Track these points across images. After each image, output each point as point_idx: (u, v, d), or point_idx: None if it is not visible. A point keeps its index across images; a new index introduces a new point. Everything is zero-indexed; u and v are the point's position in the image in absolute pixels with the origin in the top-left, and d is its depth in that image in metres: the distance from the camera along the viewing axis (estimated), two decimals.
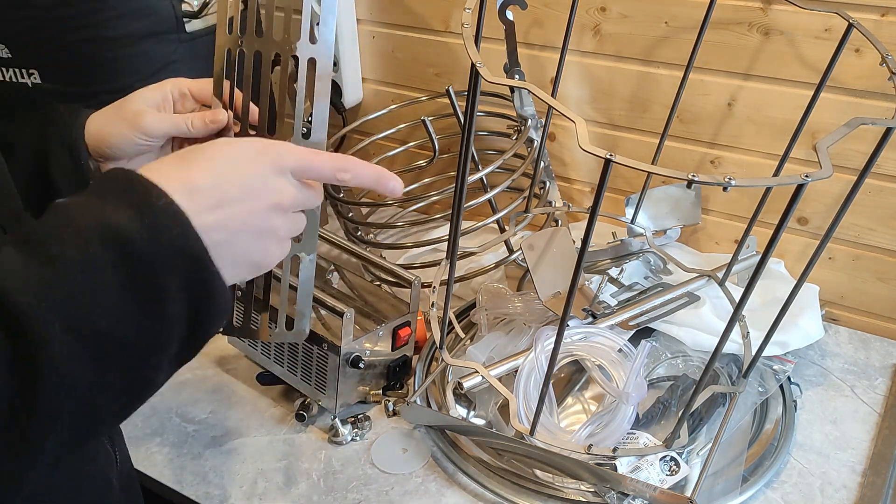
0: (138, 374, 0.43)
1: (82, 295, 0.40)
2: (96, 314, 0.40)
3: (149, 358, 0.43)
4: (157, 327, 0.42)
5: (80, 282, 0.40)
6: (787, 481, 0.85)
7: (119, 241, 0.41)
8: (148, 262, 0.41)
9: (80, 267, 0.40)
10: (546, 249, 0.94)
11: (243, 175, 0.47)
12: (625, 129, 1.16)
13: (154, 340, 0.43)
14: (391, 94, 1.33)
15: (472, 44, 0.68)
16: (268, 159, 0.48)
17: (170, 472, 0.86)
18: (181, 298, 0.43)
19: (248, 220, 0.47)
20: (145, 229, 0.41)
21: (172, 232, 0.43)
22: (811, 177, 0.57)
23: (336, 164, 0.51)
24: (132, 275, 0.41)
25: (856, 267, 1.08)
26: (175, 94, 0.66)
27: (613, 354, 0.91)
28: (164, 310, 0.42)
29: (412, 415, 0.92)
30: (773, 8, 0.99)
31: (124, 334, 0.41)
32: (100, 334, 0.40)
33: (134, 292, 0.41)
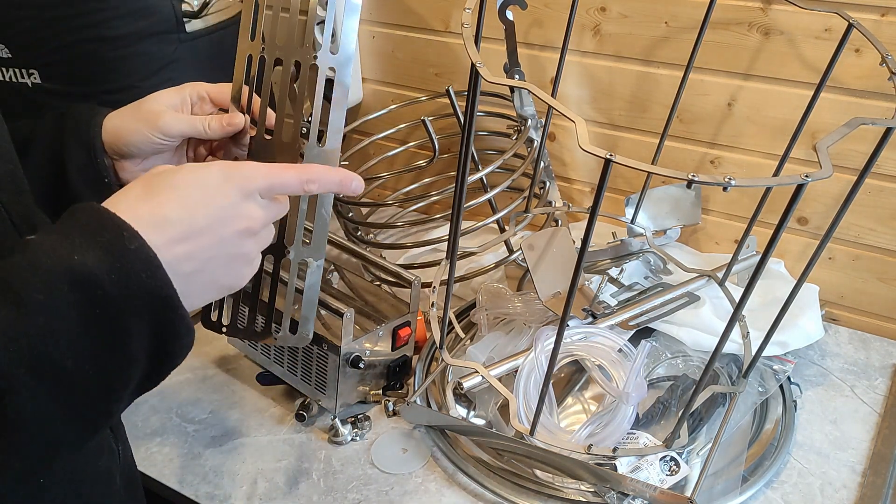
0: (99, 407, 0.44)
1: (48, 337, 0.40)
2: (60, 355, 0.41)
3: (111, 393, 0.44)
4: (121, 365, 0.44)
5: (45, 324, 0.40)
6: (787, 481, 0.85)
7: (87, 285, 0.41)
8: (115, 305, 0.42)
9: (47, 310, 0.41)
10: (546, 249, 0.94)
11: (211, 204, 0.48)
12: (625, 129, 1.16)
13: (117, 377, 0.44)
14: (391, 94, 1.33)
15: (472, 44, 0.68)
16: (235, 184, 0.49)
17: (170, 472, 0.87)
18: (145, 337, 0.44)
19: (218, 249, 0.48)
20: (115, 273, 0.42)
21: (142, 276, 0.43)
22: (811, 177, 0.57)
23: (302, 175, 0.52)
24: (98, 317, 0.42)
25: (856, 267, 1.08)
26: (194, 97, 0.67)
27: (613, 354, 0.91)
28: (128, 349, 0.43)
29: (412, 415, 0.92)
30: (773, 8, 0.99)
31: (87, 373, 0.42)
32: (64, 374, 0.41)
33: (99, 333, 0.42)
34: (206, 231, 0.47)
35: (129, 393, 0.46)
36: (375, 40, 1.29)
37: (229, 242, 0.48)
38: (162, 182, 0.47)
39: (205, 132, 0.66)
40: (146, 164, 0.68)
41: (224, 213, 0.48)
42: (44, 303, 0.41)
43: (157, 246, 0.45)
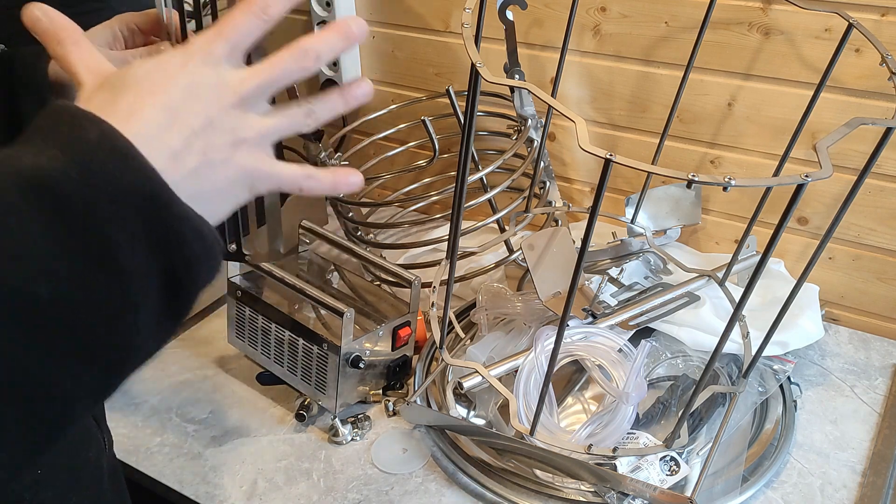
0: (105, 342, 0.36)
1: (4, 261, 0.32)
2: (27, 281, 0.33)
3: (114, 322, 0.36)
4: (115, 284, 0.35)
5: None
6: (787, 481, 0.85)
7: (42, 189, 0.33)
8: (83, 210, 0.34)
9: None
10: (546, 249, 0.94)
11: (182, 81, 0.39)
12: (625, 129, 1.16)
13: (116, 300, 0.35)
14: (391, 94, 1.33)
15: (472, 44, 0.68)
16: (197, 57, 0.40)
17: (170, 472, 0.86)
18: (141, 248, 0.35)
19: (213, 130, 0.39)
20: (74, 170, 0.34)
21: (110, 168, 0.35)
22: (811, 177, 0.57)
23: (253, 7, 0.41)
24: (67, 227, 0.34)
25: (856, 267, 1.08)
26: (124, 31, 0.66)
27: (613, 354, 0.91)
28: (118, 264, 0.35)
29: (412, 415, 0.92)
30: (773, 8, 0.99)
31: (75, 299, 0.34)
32: (37, 303, 0.33)
33: (74, 247, 0.34)
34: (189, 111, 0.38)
35: (150, 320, 0.37)
36: (375, 40, 1.29)
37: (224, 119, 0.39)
38: (120, 81, 0.39)
39: None
40: None
41: (201, 89, 0.39)
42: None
43: (136, 135, 0.36)
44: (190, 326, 1.09)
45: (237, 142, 0.40)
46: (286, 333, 0.92)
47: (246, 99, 0.40)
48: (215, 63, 0.40)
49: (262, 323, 0.94)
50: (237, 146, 0.40)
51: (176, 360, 1.03)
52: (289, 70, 0.41)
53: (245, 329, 0.98)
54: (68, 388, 0.35)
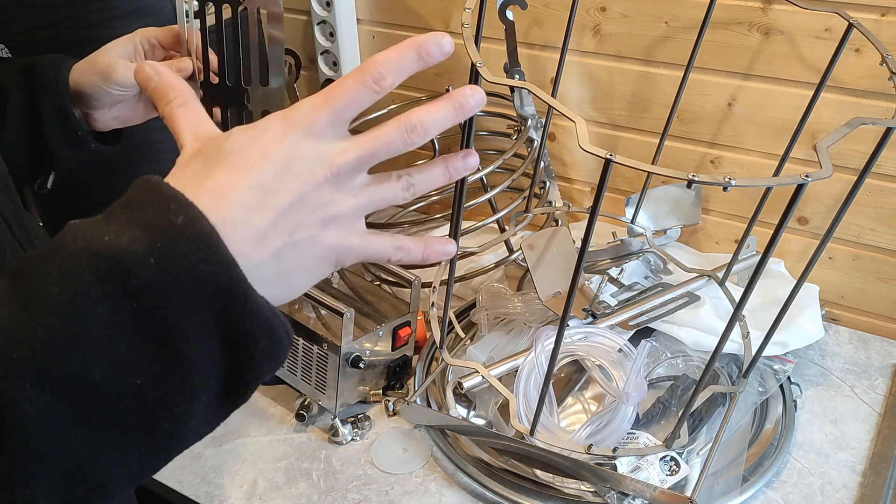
0: (158, 424, 0.35)
1: (61, 342, 0.32)
2: (82, 365, 0.32)
3: (168, 409, 0.35)
4: (175, 373, 0.34)
5: (56, 326, 0.32)
6: (787, 481, 0.85)
7: (118, 272, 0.33)
8: (157, 294, 0.33)
9: (60, 307, 0.32)
10: (546, 249, 0.94)
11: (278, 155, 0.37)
12: (625, 129, 1.16)
13: (173, 387, 0.35)
14: (391, 93, 1.33)
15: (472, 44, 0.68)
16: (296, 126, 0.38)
17: (170, 472, 0.86)
18: (209, 338, 0.35)
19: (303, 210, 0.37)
20: (154, 255, 0.33)
21: (191, 258, 0.34)
22: (811, 177, 0.57)
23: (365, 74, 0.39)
24: (136, 311, 0.33)
25: (856, 267, 1.08)
26: (145, 44, 0.68)
27: (613, 354, 0.91)
28: (182, 353, 0.34)
29: (412, 415, 0.91)
30: (773, 8, 0.99)
31: (126, 382, 0.33)
32: (90, 386, 0.33)
33: (139, 333, 0.33)
34: (280, 189, 0.36)
35: (203, 409, 0.37)
36: (375, 40, 1.29)
37: (316, 196, 0.37)
38: (216, 152, 0.38)
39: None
40: (113, 113, 0.70)
41: (297, 164, 0.37)
42: (57, 297, 0.32)
43: (223, 219, 0.35)
44: None
45: (327, 220, 0.38)
46: None
47: (342, 173, 0.38)
48: (316, 136, 0.38)
49: None
50: (326, 224, 0.38)
51: None
52: (393, 144, 0.39)
53: None
54: (109, 469, 0.35)
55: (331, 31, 1.26)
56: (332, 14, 1.24)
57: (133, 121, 0.73)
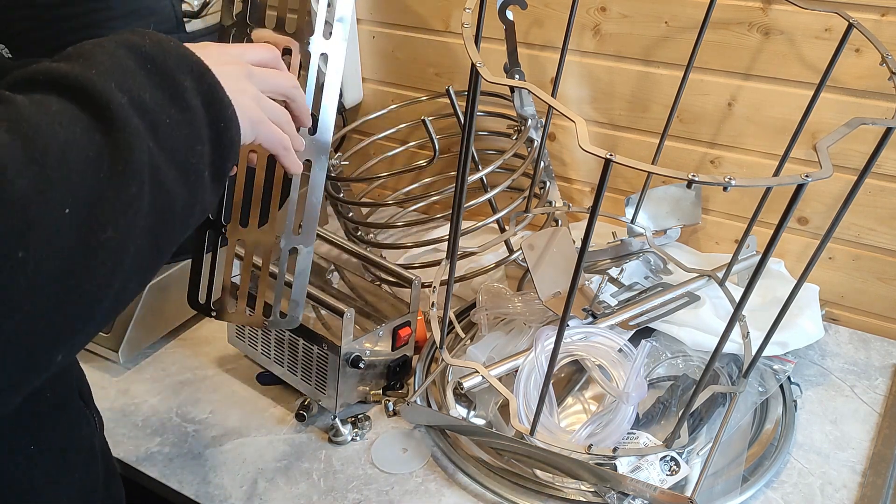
0: (189, 161, 0.46)
1: (119, 73, 0.43)
2: (136, 87, 0.43)
3: (192, 147, 0.46)
4: (187, 118, 0.46)
5: (113, 66, 0.43)
6: (787, 481, 0.85)
7: (132, 45, 0.46)
8: (160, 60, 0.46)
9: (108, 57, 0.44)
10: (546, 249, 0.94)
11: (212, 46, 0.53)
12: (625, 129, 1.16)
13: (188, 130, 0.46)
14: (391, 94, 1.33)
15: (472, 44, 0.68)
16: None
17: (170, 472, 0.87)
18: (198, 96, 0.47)
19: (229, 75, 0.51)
20: (149, 42, 0.46)
21: (171, 44, 0.47)
22: (811, 177, 0.57)
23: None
24: (150, 69, 0.45)
25: (856, 267, 1.08)
26: None
27: (613, 354, 0.91)
28: (187, 101, 0.46)
29: (412, 415, 0.92)
30: (773, 8, 0.99)
31: (164, 115, 0.44)
32: (145, 105, 0.43)
33: (157, 81, 0.45)
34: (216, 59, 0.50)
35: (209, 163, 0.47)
36: (375, 40, 1.29)
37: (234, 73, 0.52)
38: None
39: None
40: None
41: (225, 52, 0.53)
42: (104, 52, 0.44)
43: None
44: (190, 326, 1.09)
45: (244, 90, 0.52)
46: (286, 333, 0.92)
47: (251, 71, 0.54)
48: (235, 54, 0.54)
49: None
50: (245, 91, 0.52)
51: (176, 360, 1.03)
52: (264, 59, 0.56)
53: (245, 329, 0.98)
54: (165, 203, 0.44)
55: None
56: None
57: None
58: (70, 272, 0.38)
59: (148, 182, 0.42)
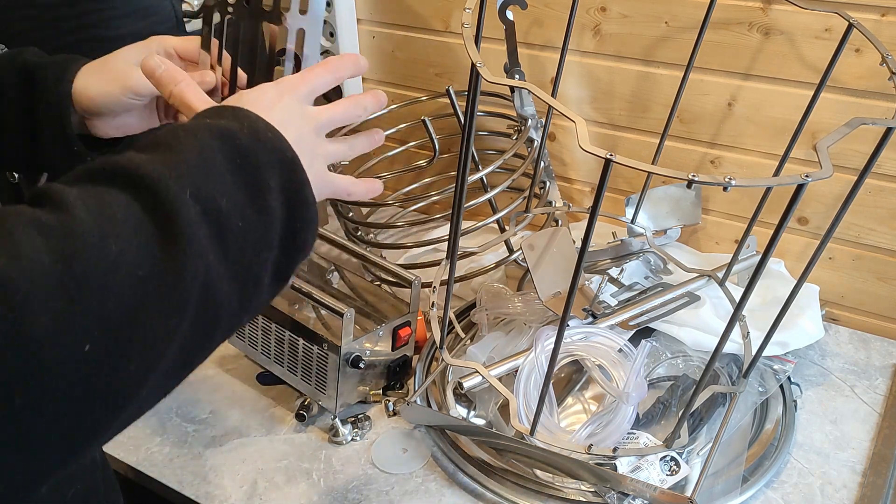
0: (251, 269, 0.44)
1: (203, 171, 0.42)
2: (217, 192, 0.42)
3: (259, 253, 0.44)
4: (263, 221, 0.44)
5: (197, 163, 0.42)
6: (787, 481, 0.85)
7: (226, 135, 0.45)
8: (251, 155, 0.45)
9: (196, 151, 0.43)
10: (546, 249, 0.94)
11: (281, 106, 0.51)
12: (625, 129, 1.16)
13: (261, 235, 0.44)
14: (391, 94, 1.33)
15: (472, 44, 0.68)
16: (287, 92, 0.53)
17: (170, 472, 0.86)
18: (281, 197, 0.45)
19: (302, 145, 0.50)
20: (245, 129, 0.46)
21: (268, 134, 0.46)
22: (811, 177, 0.57)
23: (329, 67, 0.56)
24: (239, 164, 0.44)
25: (856, 267, 1.08)
26: (161, 52, 0.66)
27: (613, 354, 0.91)
28: (268, 203, 0.45)
29: (412, 415, 0.91)
30: (773, 8, 0.99)
31: (238, 220, 0.43)
32: (220, 213, 0.42)
33: (242, 180, 0.44)
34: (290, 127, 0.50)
35: (272, 266, 0.46)
36: (375, 40, 1.29)
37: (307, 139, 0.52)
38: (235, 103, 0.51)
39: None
40: (117, 122, 0.68)
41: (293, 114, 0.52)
42: (193, 143, 0.43)
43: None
44: None
45: (314, 157, 0.52)
46: (286, 333, 0.92)
47: (320, 129, 0.53)
48: (301, 101, 0.53)
49: (262, 323, 0.94)
50: (313, 160, 0.52)
51: None
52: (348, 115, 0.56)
53: (245, 329, 0.98)
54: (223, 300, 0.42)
55: (331, 31, 1.26)
56: (332, 14, 1.24)
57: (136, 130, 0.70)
58: (74, 413, 0.35)
59: (195, 303, 0.40)
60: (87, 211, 0.37)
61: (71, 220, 0.36)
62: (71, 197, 0.38)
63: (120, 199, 0.39)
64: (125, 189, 0.39)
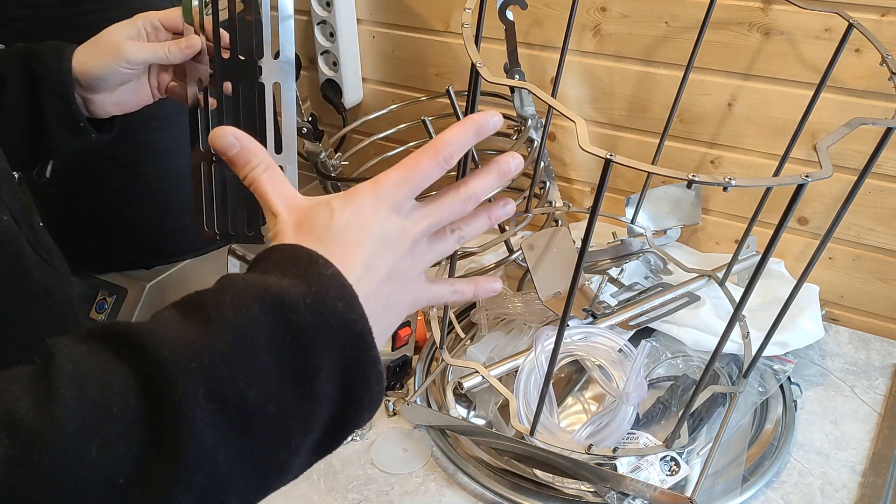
0: (276, 455, 0.38)
1: (233, 360, 0.36)
2: (244, 384, 0.36)
3: (290, 439, 0.38)
4: (304, 406, 0.38)
5: (232, 345, 0.36)
6: (787, 481, 0.85)
7: (280, 306, 0.37)
8: (308, 333, 0.37)
9: (236, 329, 0.36)
10: (546, 249, 0.94)
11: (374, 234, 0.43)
12: (625, 129, 1.16)
13: (299, 421, 0.38)
14: (391, 94, 1.33)
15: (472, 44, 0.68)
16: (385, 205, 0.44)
17: None
18: (334, 379, 0.38)
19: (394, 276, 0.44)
20: (310, 297, 0.38)
21: (338, 304, 0.39)
22: (811, 177, 0.57)
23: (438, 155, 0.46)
24: (289, 344, 0.37)
25: (856, 267, 1.08)
26: (147, 27, 0.70)
27: (613, 354, 0.91)
28: (314, 388, 0.38)
29: (412, 415, 0.91)
30: (773, 8, 0.99)
31: (270, 409, 0.37)
32: (245, 406, 0.36)
33: (288, 363, 0.37)
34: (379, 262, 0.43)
35: (308, 448, 0.40)
36: (375, 40, 1.29)
37: (401, 265, 0.44)
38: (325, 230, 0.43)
39: (166, 57, 0.68)
40: (114, 97, 0.71)
41: (390, 239, 0.44)
42: (233, 321, 0.36)
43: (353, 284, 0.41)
44: None
45: (407, 281, 0.45)
46: None
47: (417, 241, 0.45)
48: (398, 211, 0.45)
49: None
50: (407, 284, 0.45)
51: None
52: (453, 214, 0.47)
53: None
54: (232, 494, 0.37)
55: (331, 31, 1.26)
56: (332, 14, 1.24)
57: (132, 107, 0.73)
58: None
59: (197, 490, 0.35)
60: (78, 404, 0.33)
61: (49, 422, 0.32)
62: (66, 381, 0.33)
63: (125, 385, 0.34)
64: (135, 372, 0.35)
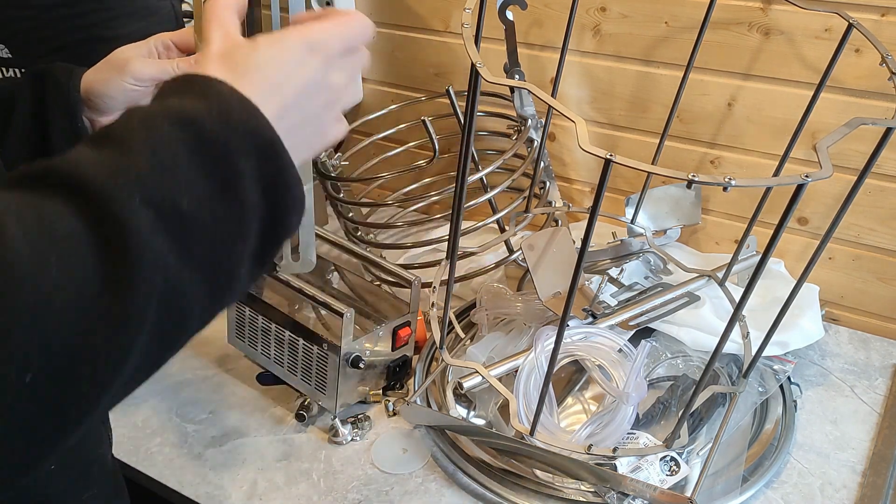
0: (222, 265, 0.40)
1: (158, 173, 0.37)
2: (175, 191, 0.38)
3: (232, 247, 0.40)
4: (236, 212, 0.40)
5: (151, 160, 0.37)
6: (787, 481, 0.85)
7: (189, 122, 0.39)
8: (221, 142, 0.39)
9: (152, 146, 0.38)
10: (546, 249, 0.94)
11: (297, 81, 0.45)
12: (625, 129, 1.16)
13: (234, 227, 0.40)
14: (391, 94, 1.33)
15: (472, 44, 0.68)
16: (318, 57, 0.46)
17: (170, 472, 0.86)
18: (257, 185, 0.41)
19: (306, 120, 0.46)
20: (214, 111, 0.40)
21: (242, 114, 0.41)
22: (811, 177, 0.57)
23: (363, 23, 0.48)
24: (206, 155, 0.39)
25: (856, 267, 1.08)
26: (159, 47, 0.69)
27: (613, 354, 0.91)
28: (241, 194, 0.40)
29: (412, 415, 0.91)
30: (773, 8, 0.99)
31: (204, 216, 0.39)
32: (180, 213, 0.38)
33: (210, 172, 0.39)
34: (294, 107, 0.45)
35: (249, 258, 0.42)
36: (375, 40, 1.29)
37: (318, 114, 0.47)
38: (243, 62, 0.44)
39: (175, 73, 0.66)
40: None
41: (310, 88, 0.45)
42: (146, 140, 0.38)
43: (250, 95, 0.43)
44: None
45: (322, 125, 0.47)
46: (286, 333, 0.92)
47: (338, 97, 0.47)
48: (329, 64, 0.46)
49: (262, 323, 0.94)
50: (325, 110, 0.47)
51: (176, 360, 1.03)
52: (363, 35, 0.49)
53: (245, 329, 0.98)
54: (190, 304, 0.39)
55: None
56: None
57: None
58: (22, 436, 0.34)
59: (154, 316, 0.37)
60: (24, 231, 0.34)
61: (4, 252, 0.33)
62: (5, 216, 0.34)
63: (61, 211, 0.35)
64: (68, 199, 0.36)
